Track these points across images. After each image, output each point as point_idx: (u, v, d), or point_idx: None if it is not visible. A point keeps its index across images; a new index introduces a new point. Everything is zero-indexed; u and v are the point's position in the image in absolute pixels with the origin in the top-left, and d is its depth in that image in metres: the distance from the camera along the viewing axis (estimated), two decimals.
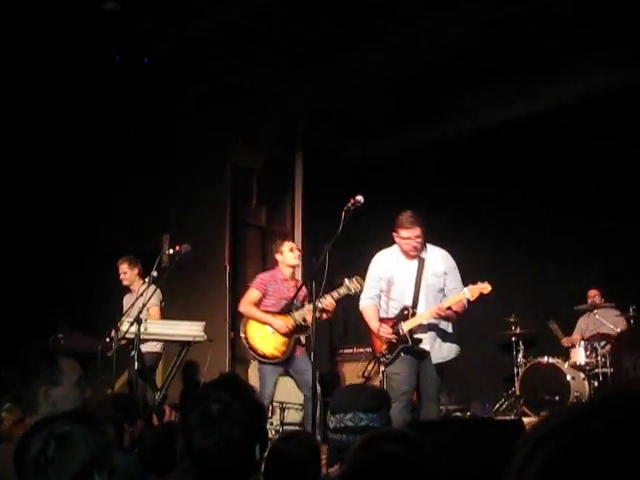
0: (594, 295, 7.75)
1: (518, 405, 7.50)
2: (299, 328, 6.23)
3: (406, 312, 5.30)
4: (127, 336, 5.63)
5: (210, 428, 2.10)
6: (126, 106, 8.20)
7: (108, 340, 5.77)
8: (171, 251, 5.92)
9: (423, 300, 5.32)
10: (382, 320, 5.39)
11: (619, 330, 7.30)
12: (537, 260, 8.41)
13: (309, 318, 5.99)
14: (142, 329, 5.64)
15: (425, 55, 7.68)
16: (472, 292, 5.17)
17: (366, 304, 5.49)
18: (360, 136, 9.30)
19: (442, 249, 5.48)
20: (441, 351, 5.37)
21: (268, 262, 6.79)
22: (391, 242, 5.42)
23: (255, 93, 8.51)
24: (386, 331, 5.29)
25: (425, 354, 5.29)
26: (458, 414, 7.55)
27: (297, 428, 7.05)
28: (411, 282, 5.33)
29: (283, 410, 7.71)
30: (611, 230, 7.79)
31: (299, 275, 9.44)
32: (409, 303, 5.31)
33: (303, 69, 8.15)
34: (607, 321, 7.49)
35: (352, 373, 7.85)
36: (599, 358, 7.31)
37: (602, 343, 7.44)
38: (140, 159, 8.76)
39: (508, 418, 6.96)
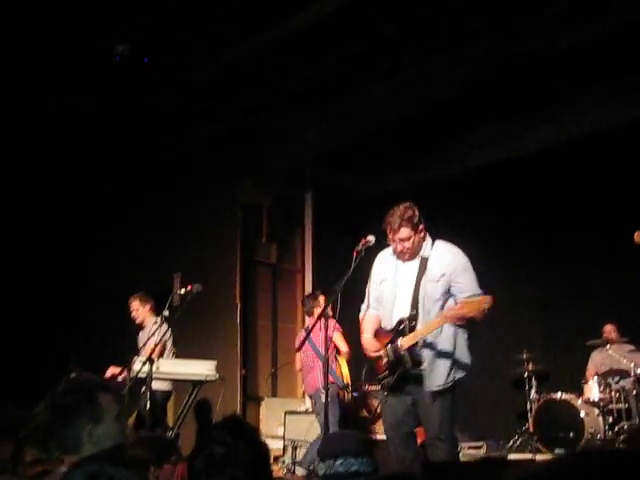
0: (610, 330, 7.69)
1: (532, 442, 7.42)
2: None
3: (402, 326, 4.53)
4: (139, 375, 5.63)
5: (214, 471, 2.11)
6: (136, 146, 8.30)
7: (120, 379, 5.78)
8: (183, 290, 5.93)
9: (423, 313, 4.51)
10: (380, 334, 4.67)
11: (633, 365, 7.24)
12: (549, 295, 8.39)
13: None
14: (154, 368, 5.64)
15: (431, 94, 7.77)
16: (473, 310, 4.36)
17: (368, 313, 4.76)
18: (368, 174, 9.37)
19: (454, 246, 4.71)
20: (442, 375, 4.49)
21: (278, 299, 6.81)
22: None
23: (263, 133, 8.61)
24: (371, 347, 4.58)
25: (424, 378, 4.47)
26: (471, 452, 7.47)
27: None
28: (409, 289, 4.58)
29: (295, 448, 7.66)
30: (625, 264, 7.76)
31: None
32: (406, 314, 4.53)
33: (310, 109, 8.25)
34: (621, 356, 7.43)
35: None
36: (613, 394, 7.25)
37: (616, 379, 7.39)
38: (151, 199, 8.84)
39: (522, 458, 6.87)
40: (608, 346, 7.55)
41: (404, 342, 4.47)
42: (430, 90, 7.72)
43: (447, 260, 4.60)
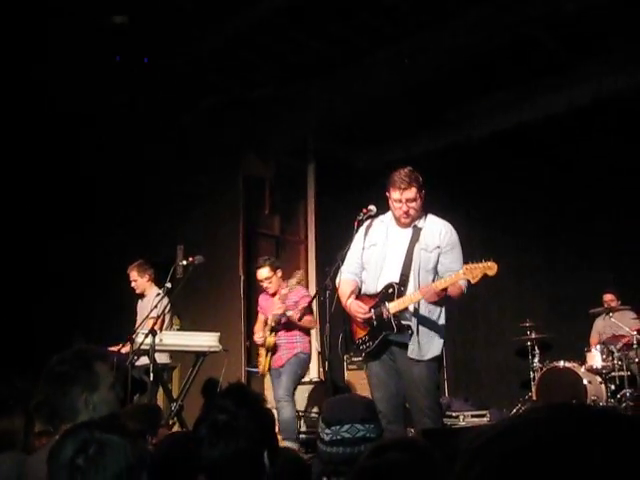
0: (610, 299, 7.71)
1: None
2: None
3: (391, 290, 4.42)
4: (142, 347, 5.66)
5: (217, 439, 2.13)
6: (139, 119, 8.26)
7: (123, 352, 5.81)
8: (185, 262, 5.95)
9: (413, 279, 4.43)
10: (362, 297, 4.57)
11: (635, 332, 7.25)
12: (552, 264, 8.39)
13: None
14: (157, 340, 5.67)
15: (434, 63, 7.69)
16: (473, 272, 4.22)
17: (343, 278, 4.62)
18: (371, 145, 9.33)
19: (446, 222, 4.63)
20: (431, 345, 4.45)
21: (282, 271, 6.81)
22: None
23: (266, 104, 8.55)
24: (360, 310, 4.44)
25: (410, 347, 4.39)
26: (474, 420, 7.52)
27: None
28: (401, 255, 4.50)
29: (299, 418, 7.72)
30: (627, 233, 7.76)
31: (312, 283, 9.48)
32: (396, 279, 4.44)
33: (313, 80, 8.19)
34: (623, 324, 7.44)
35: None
36: (615, 361, 7.27)
37: (618, 346, 7.41)
38: (153, 171, 8.82)
39: None
40: (611, 314, 7.56)
41: (392, 306, 4.39)
42: (433, 59, 7.64)
43: (442, 232, 4.56)
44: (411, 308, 4.41)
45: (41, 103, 7.60)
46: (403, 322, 4.41)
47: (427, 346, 4.42)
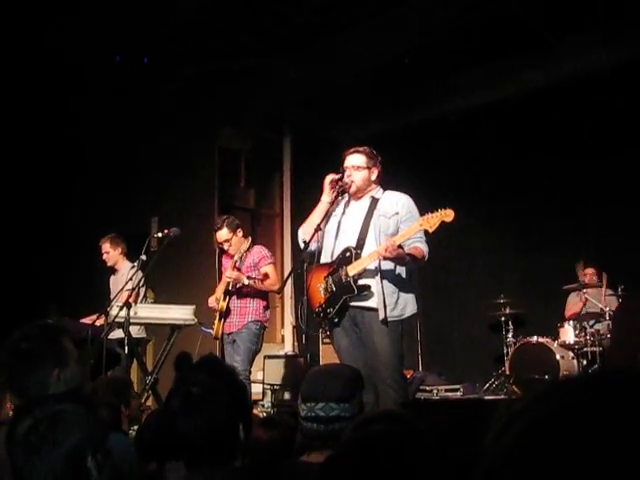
0: (591, 273, 7.77)
1: (508, 385, 7.54)
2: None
3: (349, 254, 4.44)
4: (117, 320, 5.60)
5: (191, 411, 2.10)
6: (117, 88, 8.12)
7: (98, 325, 5.75)
8: (160, 234, 5.87)
9: (371, 243, 4.45)
10: (319, 267, 4.58)
11: (608, 309, 7.32)
12: (527, 240, 8.42)
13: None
14: (132, 313, 5.62)
15: (411, 37, 7.63)
16: (430, 221, 4.19)
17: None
18: (348, 119, 9.27)
19: (404, 194, 4.69)
20: (396, 306, 4.40)
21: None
22: None
23: (242, 77, 8.44)
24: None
25: (371, 312, 4.36)
26: (448, 394, 7.58)
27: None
28: (358, 223, 4.55)
29: (274, 392, 7.73)
30: (602, 209, 7.81)
31: (287, 257, 9.46)
32: (353, 245, 4.48)
33: (290, 52, 8.08)
34: (597, 300, 7.52)
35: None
36: (588, 337, 7.35)
37: (591, 322, 7.50)
38: (127, 143, 8.69)
39: (498, 398, 6.98)
40: (585, 290, 7.63)
41: (350, 268, 4.39)
42: (412, 32, 7.58)
43: (401, 200, 4.62)
44: (372, 268, 4.38)
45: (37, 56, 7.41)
46: (363, 283, 4.38)
47: (393, 307, 4.38)
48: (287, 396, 7.60)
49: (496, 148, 8.43)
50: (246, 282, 5.93)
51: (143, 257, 5.74)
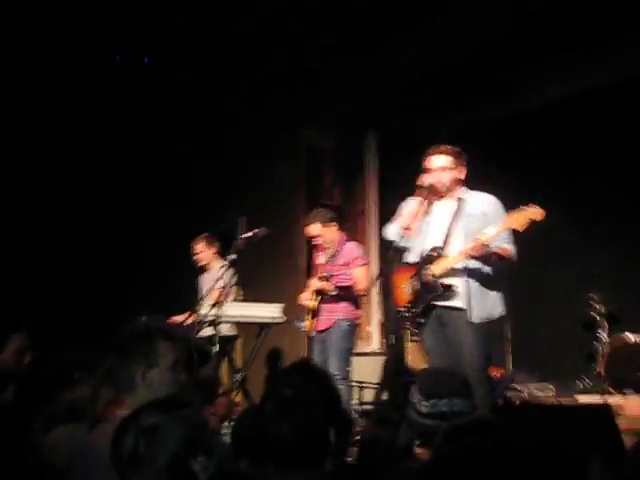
0: None
1: (601, 384, 7.32)
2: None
3: (435, 254, 4.44)
4: (207, 318, 5.72)
5: (283, 413, 2.13)
6: (201, 89, 8.27)
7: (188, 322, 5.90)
8: (249, 234, 5.96)
9: (458, 243, 4.43)
10: (404, 267, 4.61)
11: None
12: (623, 233, 8.12)
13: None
14: (222, 311, 5.74)
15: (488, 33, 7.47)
16: (519, 220, 4.15)
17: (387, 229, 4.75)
18: (433, 115, 9.15)
19: (491, 195, 4.63)
20: (484, 306, 4.37)
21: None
22: None
23: (327, 74, 8.46)
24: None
25: (457, 312, 4.36)
26: (539, 394, 7.41)
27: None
28: (445, 224, 4.52)
29: (361, 389, 7.73)
30: None
31: (373, 255, 9.44)
32: (439, 244, 4.47)
33: (370, 50, 8.03)
34: None
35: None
36: None
37: None
38: (217, 142, 8.85)
39: (594, 402, 6.78)
40: None
41: (435, 268, 4.38)
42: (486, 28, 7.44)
43: (487, 201, 4.57)
44: (459, 267, 4.36)
45: None
46: (449, 282, 4.36)
47: (480, 307, 4.35)
48: (379, 394, 7.57)
49: (582, 139, 8.16)
50: (333, 293, 5.92)
51: (233, 256, 5.82)
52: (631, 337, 7.25)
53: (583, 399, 6.80)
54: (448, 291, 4.37)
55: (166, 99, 8.36)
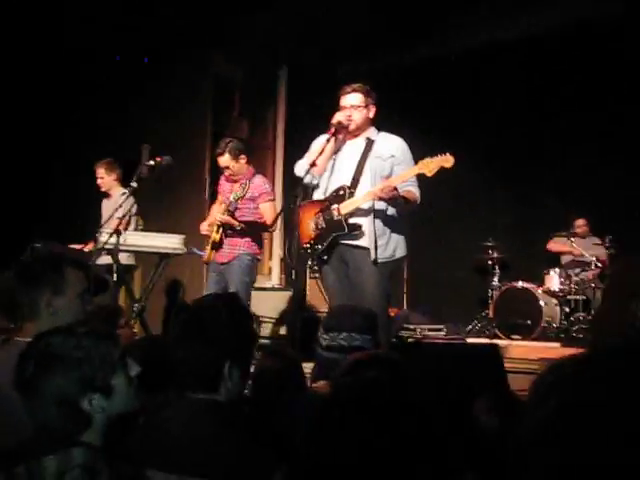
0: (582, 224, 7.80)
1: (490, 327, 7.64)
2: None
3: (342, 192, 4.46)
4: (106, 247, 5.58)
5: (185, 338, 2.13)
6: (104, 11, 7.88)
7: (86, 250, 5.74)
8: (151, 162, 5.78)
9: (365, 183, 4.46)
10: (311, 202, 4.62)
11: (594, 258, 7.39)
12: (520, 186, 8.38)
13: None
14: (121, 240, 5.60)
15: None
16: (429, 166, 4.20)
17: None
18: (346, 53, 9.06)
19: (399, 137, 4.68)
20: (387, 247, 4.46)
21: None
22: None
23: (239, 3, 8.21)
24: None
25: (362, 251, 4.40)
26: (431, 334, 7.67)
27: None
28: (353, 163, 4.53)
29: (259, 324, 7.78)
30: (597, 161, 7.75)
31: (278, 189, 9.42)
32: (347, 183, 4.48)
33: None
34: (584, 250, 7.57)
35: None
36: (572, 285, 7.44)
37: (576, 270, 7.58)
38: (121, 68, 8.49)
39: (483, 341, 7.08)
40: (572, 239, 7.67)
41: (342, 207, 4.41)
42: None
43: (396, 144, 4.62)
44: (365, 207, 4.41)
45: None
46: (355, 222, 4.40)
47: (384, 247, 4.44)
48: (277, 329, 7.65)
49: (495, 91, 8.30)
50: (238, 228, 5.85)
51: (134, 184, 5.63)
52: (519, 284, 7.56)
53: (472, 341, 7.09)
54: (354, 230, 4.39)
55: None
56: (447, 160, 4.20)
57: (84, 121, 8.41)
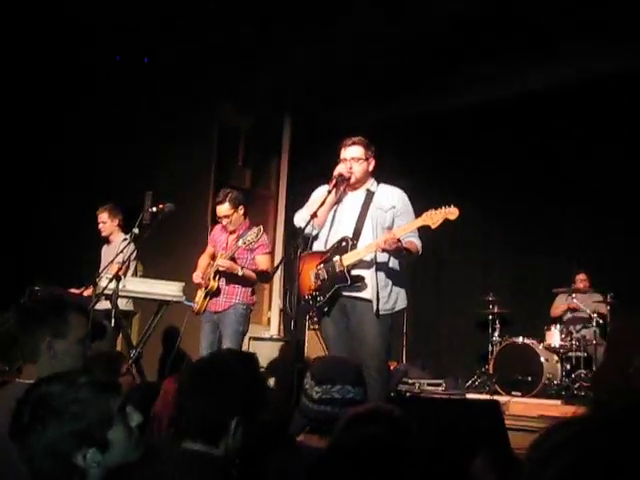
0: (583, 279, 7.76)
1: (490, 383, 7.56)
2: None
3: (345, 244, 4.46)
4: (105, 292, 5.56)
5: (197, 389, 2.10)
6: (111, 62, 8.01)
7: (86, 295, 5.71)
8: (154, 209, 5.80)
9: (367, 234, 4.48)
10: (313, 254, 4.60)
11: (596, 315, 7.34)
12: (520, 240, 8.39)
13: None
14: (120, 286, 5.59)
15: (418, 27, 7.55)
16: (434, 218, 4.19)
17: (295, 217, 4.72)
18: (350, 106, 9.17)
19: (398, 188, 4.72)
20: (389, 299, 4.45)
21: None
22: None
23: (248, 54, 8.34)
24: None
25: (365, 303, 4.40)
26: (430, 389, 7.58)
27: None
28: (354, 214, 4.56)
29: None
30: (596, 216, 7.78)
31: (279, 239, 9.42)
32: (349, 235, 4.50)
33: (297, 33, 7.97)
34: (585, 306, 7.53)
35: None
36: (574, 342, 7.38)
37: (578, 327, 7.52)
38: (126, 115, 8.57)
39: (483, 397, 6.99)
40: (574, 295, 7.63)
41: (345, 258, 4.40)
42: (417, 23, 7.51)
43: (396, 195, 4.65)
44: (367, 259, 4.41)
45: None
46: (358, 274, 4.40)
47: (386, 299, 4.42)
48: (273, 379, 7.57)
49: (494, 146, 8.38)
50: (240, 274, 5.83)
51: (136, 230, 5.65)
52: (520, 339, 7.50)
53: (472, 397, 7.01)
54: (356, 282, 4.38)
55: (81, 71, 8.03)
56: (452, 212, 4.18)
57: (86, 166, 8.46)
